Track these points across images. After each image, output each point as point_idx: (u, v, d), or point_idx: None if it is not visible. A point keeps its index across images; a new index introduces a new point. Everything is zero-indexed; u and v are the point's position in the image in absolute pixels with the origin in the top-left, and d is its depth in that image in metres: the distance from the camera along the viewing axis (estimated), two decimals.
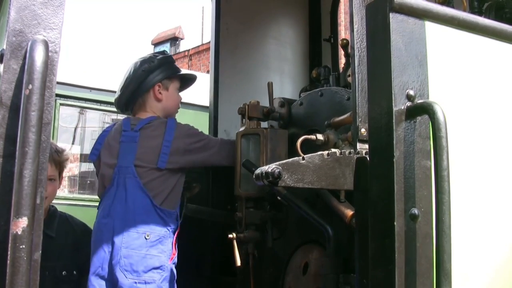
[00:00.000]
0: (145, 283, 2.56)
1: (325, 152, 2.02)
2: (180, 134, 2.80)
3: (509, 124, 2.11)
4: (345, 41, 3.19)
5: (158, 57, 3.01)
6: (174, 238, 2.70)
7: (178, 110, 3.17)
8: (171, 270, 2.67)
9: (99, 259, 2.65)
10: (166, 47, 20.93)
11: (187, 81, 3.23)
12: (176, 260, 2.73)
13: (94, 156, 2.93)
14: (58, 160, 3.00)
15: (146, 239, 2.60)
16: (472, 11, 2.92)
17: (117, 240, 2.61)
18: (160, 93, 2.94)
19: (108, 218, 2.68)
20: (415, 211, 1.74)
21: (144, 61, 2.98)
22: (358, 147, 2.06)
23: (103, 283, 2.64)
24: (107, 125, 3.77)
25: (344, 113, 2.61)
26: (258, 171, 2.05)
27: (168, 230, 2.67)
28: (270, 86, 3.12)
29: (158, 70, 2.97)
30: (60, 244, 2.94)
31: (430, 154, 1.79)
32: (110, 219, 2.66)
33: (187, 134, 2.85)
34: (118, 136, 2.86)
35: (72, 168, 8.48)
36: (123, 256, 2.58)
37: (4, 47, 1.61)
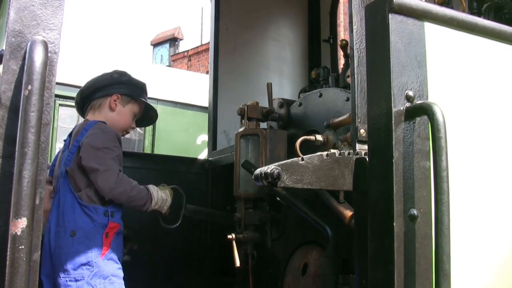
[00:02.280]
0: (75, 280, 2.57)
1: (324, 153, 2.02)
2: (89, 133, 2.74)
3: (508, 125, 2.11)
4: (344, 42, 3.19)
5: (131, 77, 3.06)
6: (104, 234, 2.67)
7: (125, 134, 3.06)
8: (103, 266, 2.62)
9: (44, 262, 2.71)
10: (165, 48, 20.90)
11: (148, 117, 3.21)
12: (112, 256, 2.68)
13: (51, 172, 2.95)
14: None
15: (72, 237, 2.61)
16: (471, 12, 2.92)
17: (52, 242, 2.67)
18: (115, 104, 2.94)
19: (48, 223, 2.73)
20: (414, 211, 1.74)
21: (117, 71, 3.04)
22: (357, 148, 2.06)
23: (50, 284, 2.70)
24: None
25: (343, 114, 2.61)
26: (257, 171, 2.05)
27: (94, 226, 2.65)
28: (269, 86, 3.12)
29: (125, 85, 3.00)
30: None
31: (429, 154, 1.79)
32: (49, 224, 2.71)
33: (95, 134, 2.73)
34: (62, 147, 2.92)
35: None
36: (55, 256, 2.63)
37: (4, 48, 1.61)
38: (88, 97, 2.98)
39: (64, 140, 2.96)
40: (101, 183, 2.63)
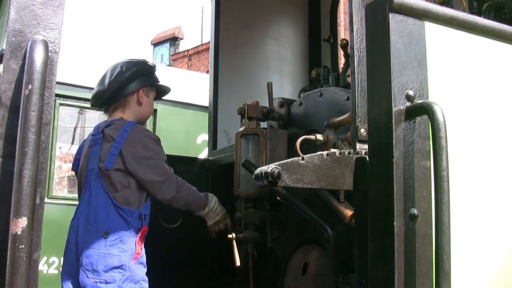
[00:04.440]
0: (106, 282, 2.56)
1: (325, 152, 2.02)
2: (132, 138, 2.73)
3: (508, 124, 2.11)
4: (344, 41, 3.19)
5: (147, 63, 3.05)
6: (137, 237, 2.66)
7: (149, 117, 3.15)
8: (135, 270, 2.62)
9: (68, 259, 2.70)
10: (165, 47, 20.90)
11: (161, 93, 3.23)
12: (143, 260, 2.69)
13: (75, 166, 2.93)
14: None
15: (105, 238, 2.60)
16: (472, 11, 2.92)
17: (80, 240, 2.65)
18: (142, 97, 2.96)
19: (75, 220, 2.72)
20: (415, 211, 1.74)
21: (135, 63, 2.98)
22: (357, 147, 2.06)
23: (71, 282, 2.68)
24: None
25: (343, 113, 2.61)
26: (257, 171, 2.05)
27: (129, 229, 2.64)
28: (269, 86, 3.12)
29: (147, 76, 3.00)
30: None
31: (429, 154, 1.79)
32: (76, 221, 2.70)
33: (140, 141, 2.75)
34: (90, 141, 2.89)
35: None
36: (84, 256, 2.60)
37: (4, 47, 1.61)
38: (112, 96, 2.93)
39: (93, 134, 2.91)
40: (164, 194, 2.72)
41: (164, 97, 3.34)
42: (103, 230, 2.61)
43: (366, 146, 2.00)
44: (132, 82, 2.94)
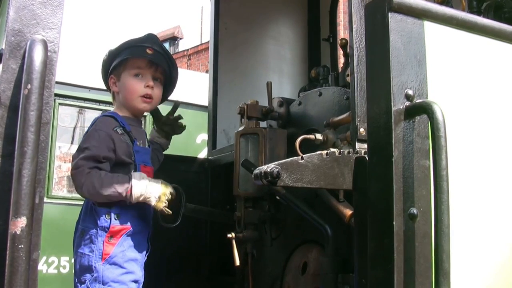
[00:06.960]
0: (80, 283, 2.53)
1: (324, 152, 2.02)
2: (87, 132, 2.66)
3: (508, 124, 2.11)
4: (344, 40, 3.19)
5: (112, 48, 2.83)
6: (106, 237, 2.55)
7: (139, 98, 2.78)
8: (103, 271, 2.51)
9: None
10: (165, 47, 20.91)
11: (139, 62, 2.80)
12: (116, 260, 2.55)
13: None
14: None
15: (81, 237, 2.57)
16: (471, 10, 2.92)
17: (73, 240, 2.66)
18: (115, 85, 2.81)
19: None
20: (414, 210, 1.74)
21: (107, 53, 2.85)
22: (357, 147, 2.06)
23: None
24: None
25: (343, 113, 2.61)
26: (257, 170, 2.05)
27: (97, 229, 2.55)
28: (269, 85, 3.11)
29: (113, 59, 2.81)
30: None
31: (429, 153, 1.79)
32: (77, 221, 2.70)
33: (88, 133, 2.62)
34: None
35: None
36: (74, 256, 2.62)
37: (3, 47, 1.62)
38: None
39: None
40: (76, 187, 2.53)
41: None
42: (81, 229, 2.60)
43: (365, 146, 2.00)
44: (104, 74, 2.87)
